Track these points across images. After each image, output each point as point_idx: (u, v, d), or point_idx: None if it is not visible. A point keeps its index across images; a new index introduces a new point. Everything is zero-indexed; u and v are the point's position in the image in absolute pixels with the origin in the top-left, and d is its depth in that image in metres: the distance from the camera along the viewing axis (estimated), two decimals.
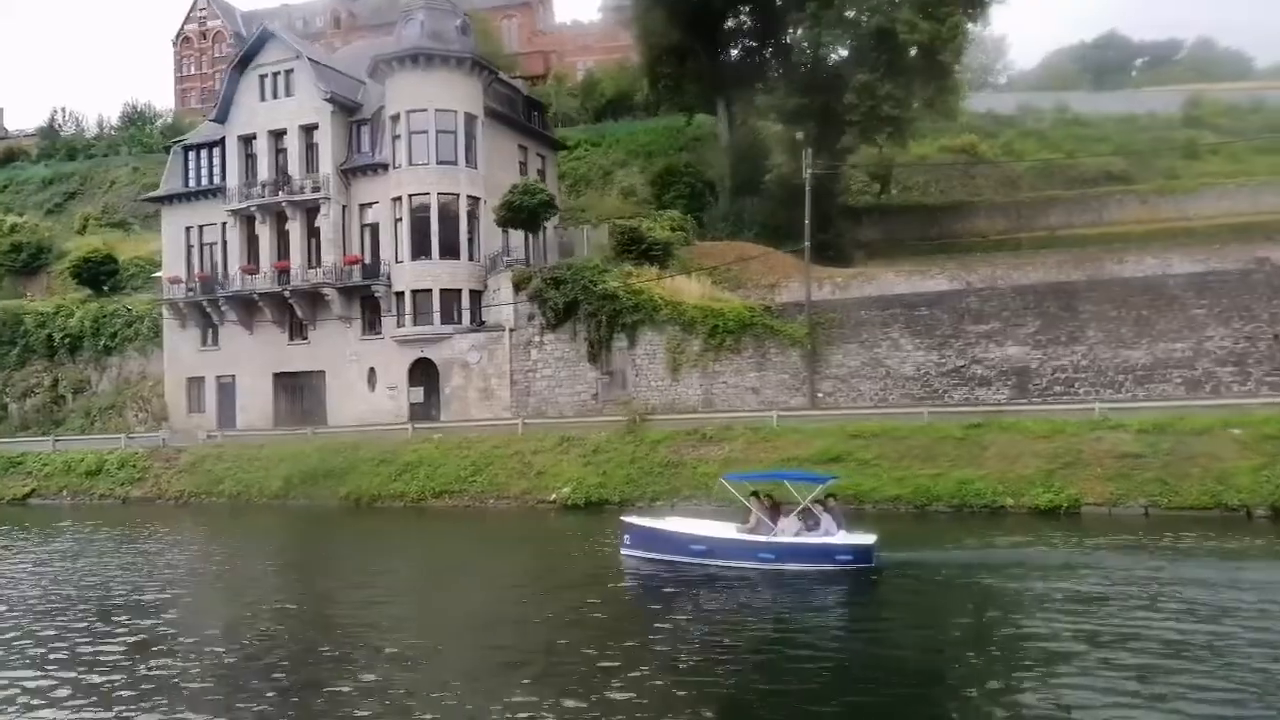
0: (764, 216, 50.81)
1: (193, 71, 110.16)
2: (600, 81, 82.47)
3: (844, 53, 50.74)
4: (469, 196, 43.42)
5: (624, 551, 22.79)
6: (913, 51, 45.39)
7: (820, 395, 36.38)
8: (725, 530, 22.31)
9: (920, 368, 35.14)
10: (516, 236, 44.73)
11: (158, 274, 54.03)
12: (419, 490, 32.06)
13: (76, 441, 42.60)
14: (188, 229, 48.08)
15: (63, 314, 50.92)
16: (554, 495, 29.65)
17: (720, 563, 21.48)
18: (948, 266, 42.37)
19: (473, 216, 43.53)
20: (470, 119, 43.72)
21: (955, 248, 50.13)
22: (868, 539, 20.76)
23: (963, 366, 34.57)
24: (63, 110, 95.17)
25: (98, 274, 51.53)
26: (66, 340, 50.41)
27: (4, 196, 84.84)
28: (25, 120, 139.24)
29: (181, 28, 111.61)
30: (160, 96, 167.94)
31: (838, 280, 40.28)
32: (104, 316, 49.88)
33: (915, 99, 46.63)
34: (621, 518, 23.69)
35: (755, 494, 22.67)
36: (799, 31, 51.69)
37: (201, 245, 47.98)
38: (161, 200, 48.88)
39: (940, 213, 57.38)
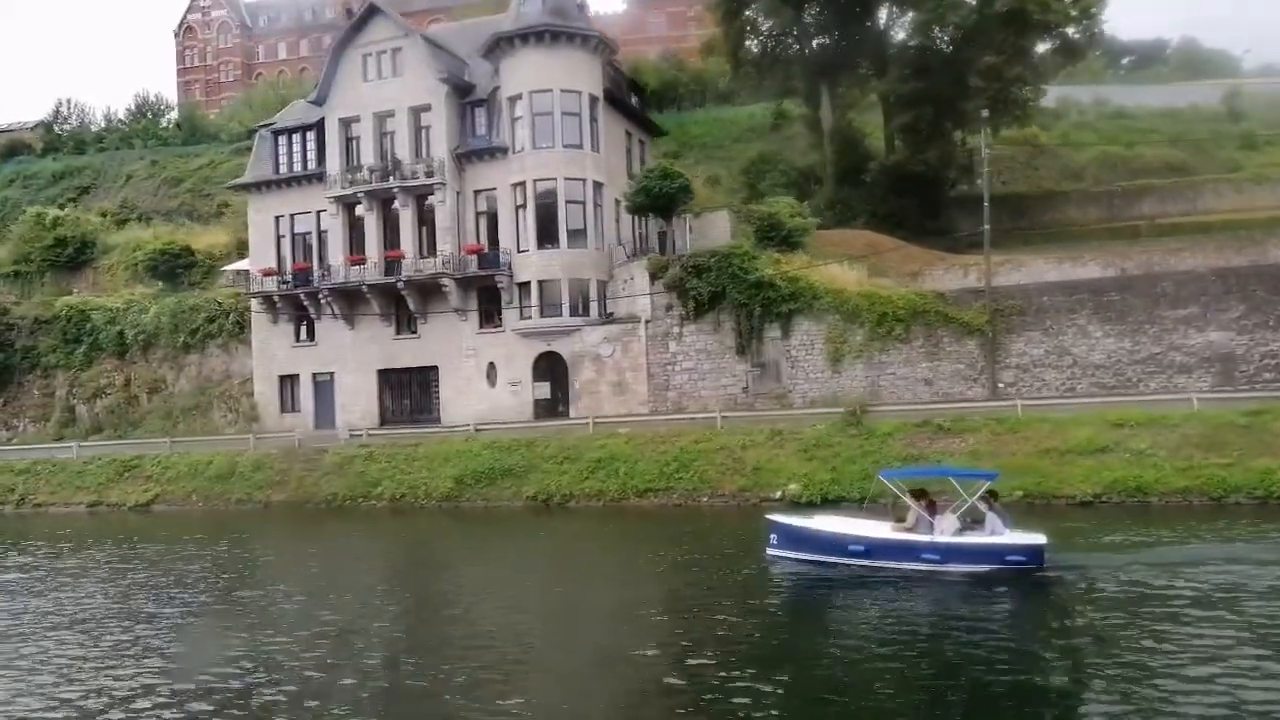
0: (872, 205, 49.40)
1: (196, 63, 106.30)
2: (643, 73, 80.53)
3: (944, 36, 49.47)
4: (594, 182, 41.30)
5: (770, 552, 21.44)
6: (1043, 33, 44.31)
7: (1000, 385, 34.90)
8: (881, 530, 20.88)
9: (1111, 355, 33.78)
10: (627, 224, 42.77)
11: (229, 266, 51.21)
12: (618, 489, 29.91)
13: (194, 443, 39.64)
14: (277, 218, 45.26)
15: (135, 310, 47.75)
16: (779, 493, 27.73)
17: (880, 564, 20.14)
18: (1080, 253, 41.38)
19: (597, 203, 41.41)
20: (593, 100, 41.61)
21: (1065, 235, 49.10)
22: (1039, 539, 19.32)
23: (1159, 354, 33.28)
24: (67, 102, 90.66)
25: (174, 267, 48.48)
26: (141, 337, 47.30)
27: (12, 191, 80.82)
28: (25, 113, 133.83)
29: (184, 18, 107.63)
30: (163, 89, 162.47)
31: (984, 268, 38.87)
32: (183, 312, 46.82)
33: (1046, 81, 45.45)
34: (768, 516, 22.38)
35: (917, 492, 21.21)
36: (898, 15, 50.49)
37: (293, 235, 45.21)
38: (248, 188, 45.94)
39: (1031, 201, 56.36)
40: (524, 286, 40.84)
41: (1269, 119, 71.89)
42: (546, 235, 40.49)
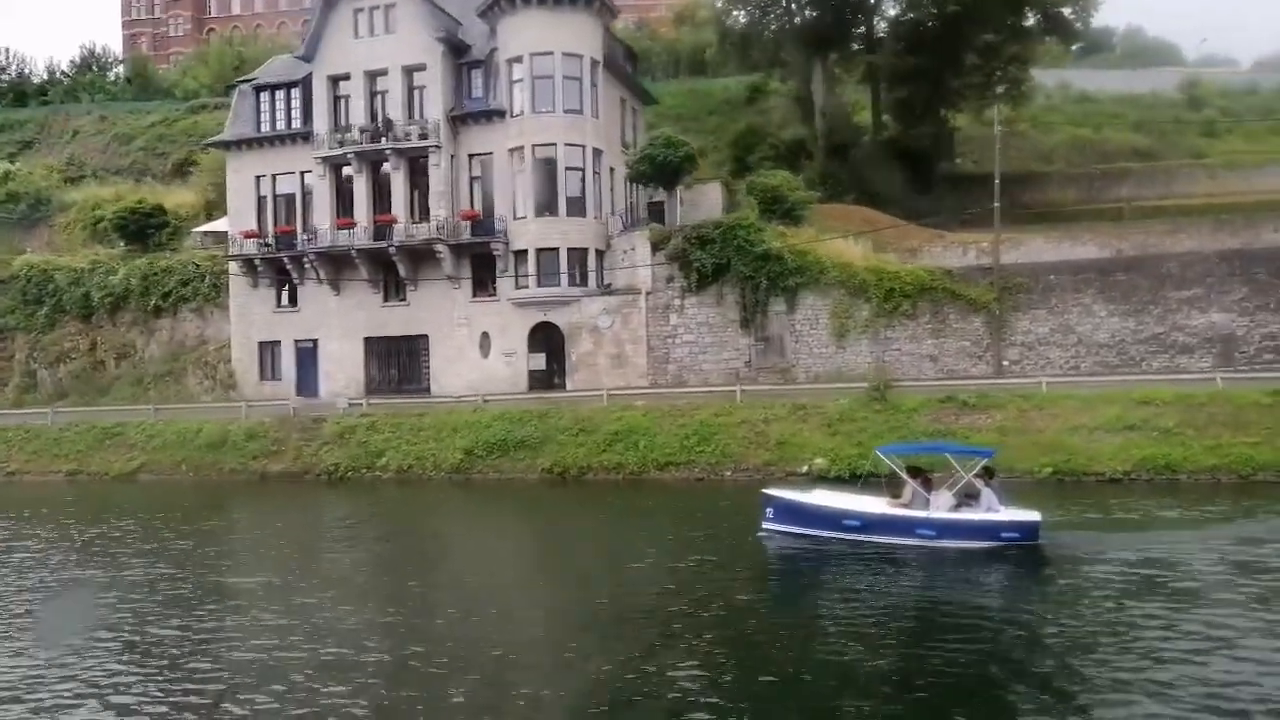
0: (862, 180, 49.21)
1: (143, 15, 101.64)
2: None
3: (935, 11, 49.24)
4: (594, 149, 40.38)
5: (765, 526, 21.60)
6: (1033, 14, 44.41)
7: (1005, 363, 35.09)
8: (877, 505, 21.07)
9: (1115, 334, 34.17)
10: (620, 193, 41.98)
11: (201, 228, 49.27)
12: (638, 462, 29.33)
13: (178, 410, 37.98)
14: (258, 178, 43.44)
15: (102, 271, 45.54)
16: (805, 467, 27.45)
17: (875, 539, 20.32)
18: (1075, 234, 41.71)
19: (596, 171, 40.52)
20: (594, 65, 40.60)
21: (1050, 216, 49.46)
22: (1034, 516, 19.66)
23: (1162, 334, 33.75)
24: (5, 51, 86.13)
25: (145, 227, 46.29)
26: (108, 300, 45.14)
27: None
28: None
29: None
30: (108, 41, 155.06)
31: (983, 246, 39.01)
32: (154, 274, 44.78)
33: (1038, 62, 45.63)
34: (764, 491, 22.35)
35: (912, 469, 21.36)
36: None
37: (275, 196, 43.47)
38: (227, 146, 43.98)
39: (1010, 182, 56.63)
40: (520, 255, 39.86)
41: (1223, 107, 73.51)
42: (545, 202, 39.50)
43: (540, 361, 40.36)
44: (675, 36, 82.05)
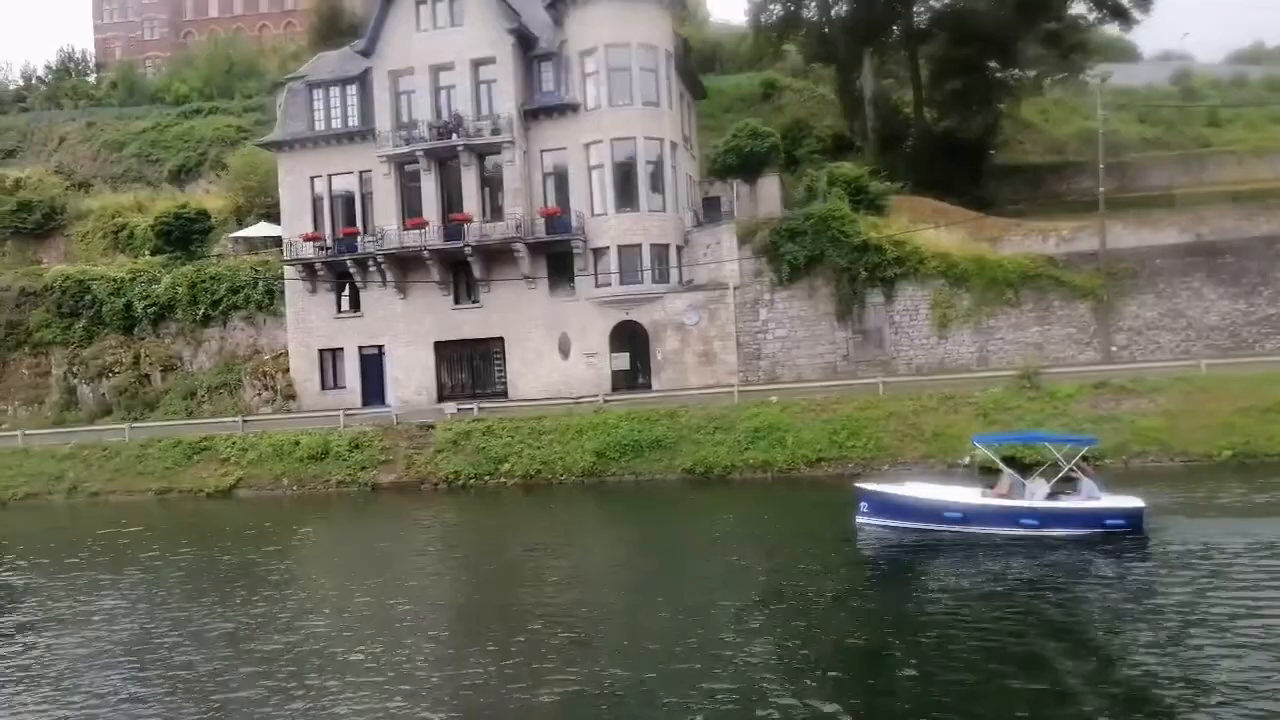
0: (916, 172, 48.88)
1: (115, 19, 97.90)
2: None
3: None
4: (671, 142, 39.42)
5: (861, 520, 21.64)
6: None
7: (1113, 349, 34.89)
8: (974, 496, 21.10)
9: (1226, 317, 34.17)
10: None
11: (240, 233, 47.24)
12: (786, 459, 28.42)
13: (266, 422, 36.10)
14: (313, 179, 41.62)
15: (144, 280, 43.32)
16: (967, 459, 26.78)
17: (977, 529, 20.33)
18: (1156, 220, 41.82)
19: (673, 165, 39.56)
20: (668, 56, 39.69)
21: (1117, 204, 49.51)
22: (1137, 503, 19.76)
23: (1274, 315, 33.80)
24: None
25: (189, 233, 44.13)
26: (152, 310, 42.95)
27: None
28: None
29: None
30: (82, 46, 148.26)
31: (1063, 234, 38.88)
32: (202, 281, 42.70)
33: (1092, 53, 45.80)
34: (856, 485, 22.43)
35: (1006, 459, 21.71)
36: None
37: (331, 197, 41.71)
38: (279, 145, 42.07)
39: (1047, 172, 57.03)
40: (599, 252, 38.73)
41: (1220, 98, 74.85)
42: (625, 198, 38.44)
43: (624, 361, 39.24)
44: (683, 31, 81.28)
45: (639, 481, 29.28)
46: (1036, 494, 20.66)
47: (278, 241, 47.29)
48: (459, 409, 34.86)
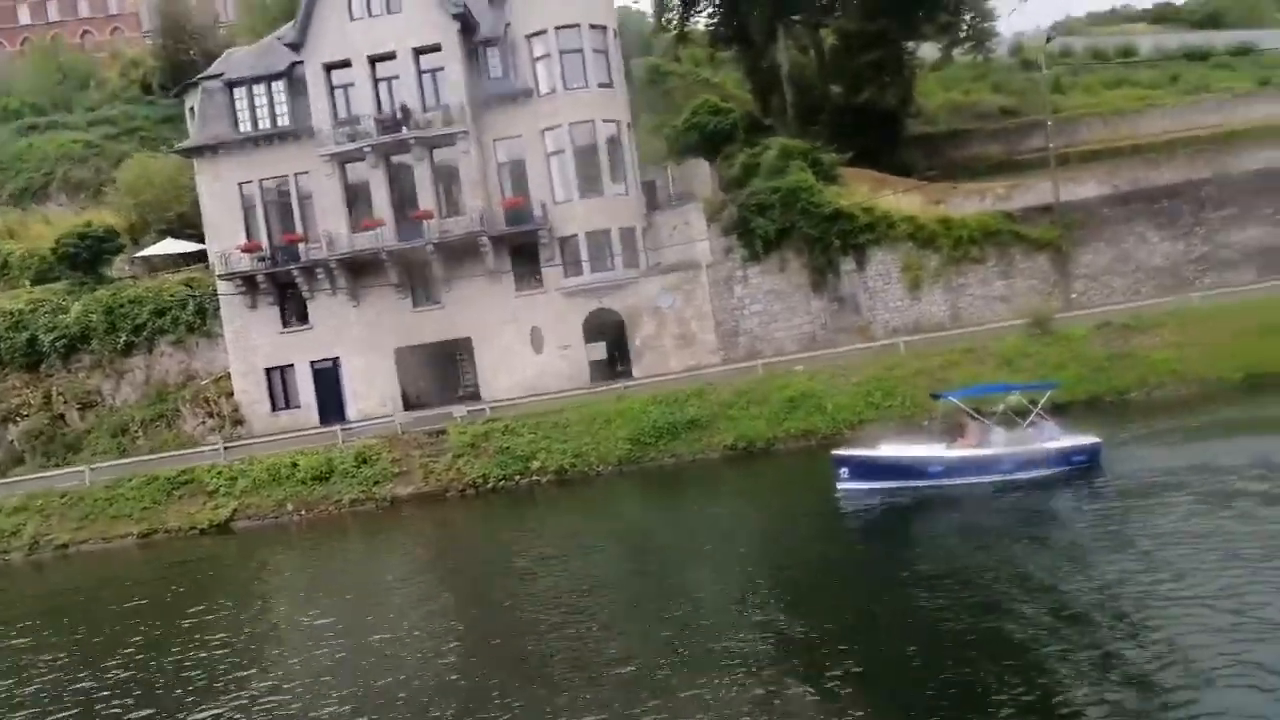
0: (836, 145, 50.08)
1: None
2: None
3: None
4: (626, 124, 38.79)
5: (841, 486, 22.68)
6: None
7: (1072, 296, 36.91)
8: (944, 449, 22.68)
9: (1168, 257, 36.77)
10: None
11: (145, 252, 43.25)
12: (828, 425, 28.41)
13: (243, 448, 32.87)
14: (241, 185, 38.47)
15: (48, 310, 38.85)
16: (1000, 405, 27.54)
17: (958, 481, 21.94)
18: (1075, 174, 44.48)
19: (630, 146, 38.95)
20: (615, 36, 38.97)
21: (1016, 165, 52.27)
22: (1095, 439, 21.92)
23: (1209, 252, 36.62)
24: None
25: (99, 253, 39.80)
26: (60, 343, 38.56)
27: None
28: None
29: None
30: None
31: (999, 192, 40.95)
32: (120, 306, 38.70)
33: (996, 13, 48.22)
34: (833, 452, 23.37)
35: (970, 412, 23.03)
36: None
37: (264, 204, 38.70)
38: (199, 151, 38.60)
39: (940, 140, 59.71)
40: (566, 240, 37.68)
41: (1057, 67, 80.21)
42: (588, 183, 37.52)
43: (600, 351, 38.44)
44: None
45: (679, 463, 28.68)
46: (999, 440, 22.21)
47: (187, 259, 43.71)
48: (470, 411, 32.99)
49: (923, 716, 11.17)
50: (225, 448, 32.49)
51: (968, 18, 48.09)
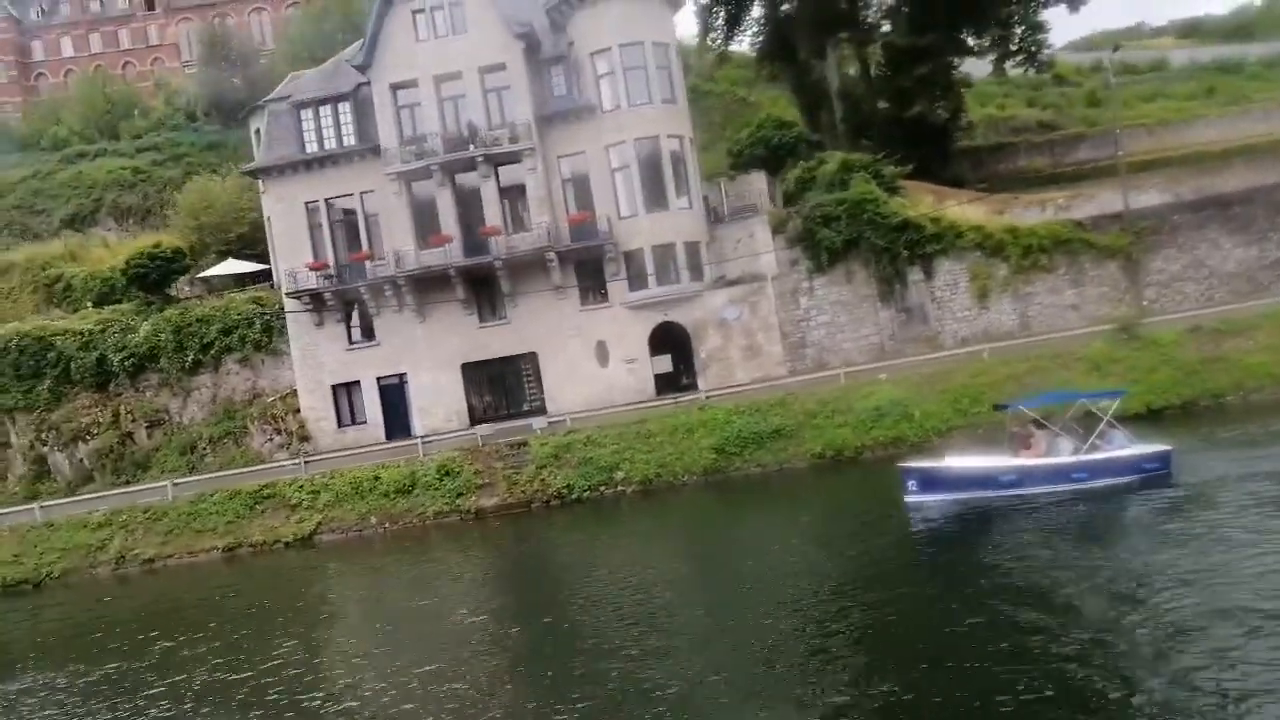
0: (888, 160, 50.21)
1: None
2: None
3: None
4: (689, 139, 39.02)
5: (910, 498, 22.53)
6: None
7: (1144, 303, 36.69)
8: (1013, 459, 22.43)
9: (1241, 263, 36.54)
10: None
11: (208, 272, 43.69)
12: (917, 432, 28.29)
13: (321, 461, 33.01)
14: (308, 204, 38.84)
15: (117, 330, 39.20)
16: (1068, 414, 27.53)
17: (1033, 490, 21.70)
18: (1139, 183, 44.39)
19: (693, 160, 39.14)
20: (676, 52, 39.35)
21: (1075, 176, 52.28)
22: (1166, 447, 21.71)
23: None
24: None
25: (168, 273, 40.20)
26: (129, 362, 38.86)
27: None
28: None
29: None
30: None
31: (1059, 202, 40.88)
32: (188, 325, 39.01)
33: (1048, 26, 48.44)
34: (900, 465, 23.29)
35: (1036, 420, 22.89)
36: None
37: (331, 223, 39.05)
38: (266, 172, 39.01)
39: (985, 153, 59.78)
40: (631, 255, 37.80)
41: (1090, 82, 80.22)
42: (654, 197, 37.67)
43: (666, 364, 38.41)
44: None
45: (765, 472, 28.57)
46: (1066, 449, 22.01)
47: (246, 279, 44.13)
48: (550, 423, 33.01)
49: None
50: (305, 462, 32.58)
51: (1019, 30, 47.98)
